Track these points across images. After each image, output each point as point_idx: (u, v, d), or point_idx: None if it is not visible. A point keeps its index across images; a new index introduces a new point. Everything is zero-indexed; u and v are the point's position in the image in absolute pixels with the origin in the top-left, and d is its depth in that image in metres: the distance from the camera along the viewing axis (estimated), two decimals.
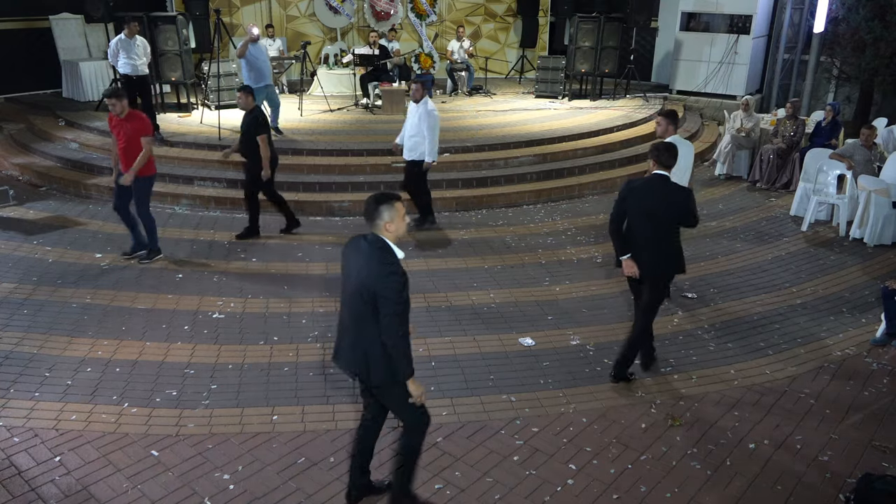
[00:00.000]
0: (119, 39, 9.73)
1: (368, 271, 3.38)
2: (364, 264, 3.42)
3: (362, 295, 3.38)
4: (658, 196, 4.86)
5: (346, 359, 3.59)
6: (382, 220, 3.48)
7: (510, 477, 4.21)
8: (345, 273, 3.57)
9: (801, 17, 12.90)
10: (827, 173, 8.45)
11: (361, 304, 3.40)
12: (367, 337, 3.44)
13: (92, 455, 4.31)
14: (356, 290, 3.42)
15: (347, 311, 3.54)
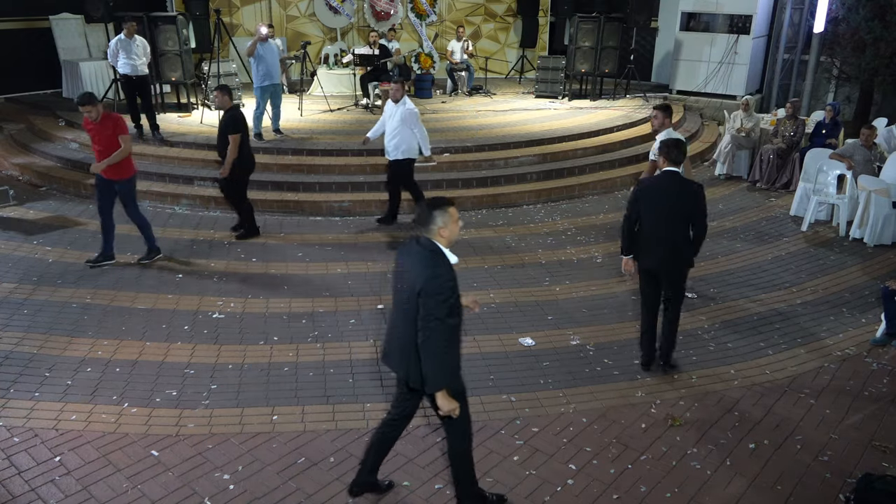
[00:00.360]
0: (118, 39, 9.73)
1: (418, 274, 3.38)
2: (416, 268, 3.42)
3: (412, 298, 3.40)
4: (671, 192, 4.95)
5: (395, 360, 3.62)
6: (436, 226, 3.45)
7: (510, 477, 4.21)
8: (397, 276, 3.60)
9: (801, 17, 12.90)
10: (827, 173, 8.45)
11: (411, 307, 3.41)
12: (415, 340, 3.45)
13: (92, 455, 4.31)
14: (408, 292, 3.44)
15: (398, 314, 3.57)
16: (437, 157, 9.53)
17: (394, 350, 3.63)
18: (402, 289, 3.52)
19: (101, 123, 6.59)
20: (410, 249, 3.52)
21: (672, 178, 4.96)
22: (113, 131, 6.62)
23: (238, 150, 7.24)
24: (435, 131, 10.56)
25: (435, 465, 4.31)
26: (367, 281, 6.79)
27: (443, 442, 4.49)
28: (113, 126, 6.64)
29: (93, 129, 6.65)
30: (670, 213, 4.94)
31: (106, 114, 6.66)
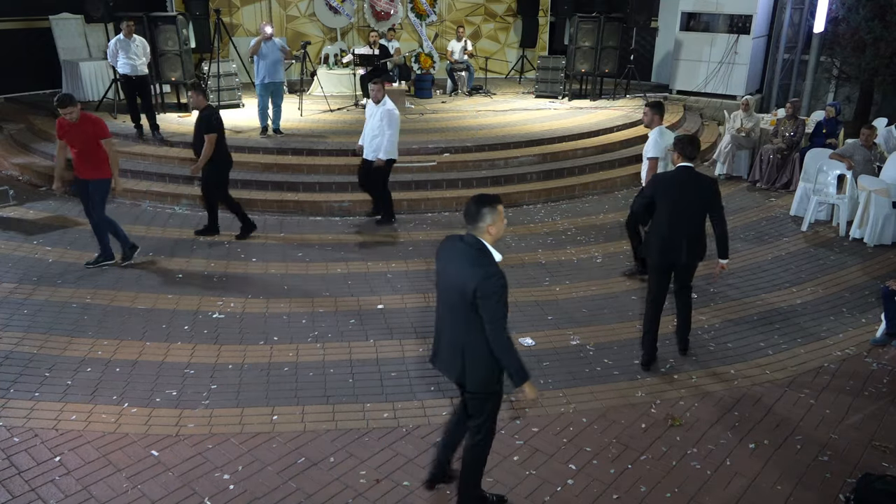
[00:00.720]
0: (117, 40, 9.73)
1: (469, 274, 3.32)
2: (463, 267, 3.37)
3: (463, 298, 3.35)
4: (688, 186, 5.08)
5: (444, 361, 3.61)
6: (485, 223, 3.39)
7: (510, 477, 4.21)
8: (441, 275, 3.54)
9: (801, 17, 12.90)
10: (827, 173, 8.45)
11: (461, 307, 3.38)
12: (464, 340, 3.44)
13: (92, 455, 4.31)
14: (455, 292, 3.40)
15: (446, 314, 3.53)
16: (437, 158, 9.55)
17: (444, 352, 3.60)
18: (447, 289, 3.48)
19: (80, 125, 6.50)
20: (455, 247, 3.47)
21: (688, 173, 5.10)
22: (93, 133, 6.54)
23: (215, 149, 7.24)
24: (435, 131, 10.58)
25: None
26: (367, 281, 6.80)
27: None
28: (92, 127, 6.56)
29: (70, 130, 6.52)
30: (688, 207, 5.08)
31: (84, 115, 6.57)
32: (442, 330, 3.59)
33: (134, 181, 9.11)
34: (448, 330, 3.52)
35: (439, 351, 3.64)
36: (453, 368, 3.54)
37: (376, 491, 4.08)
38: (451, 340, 3.51)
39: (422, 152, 9.62)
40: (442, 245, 3.59)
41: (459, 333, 3.44)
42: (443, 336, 3.58)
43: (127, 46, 9.68)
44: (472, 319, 3.36)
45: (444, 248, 3.56)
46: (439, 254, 3.57)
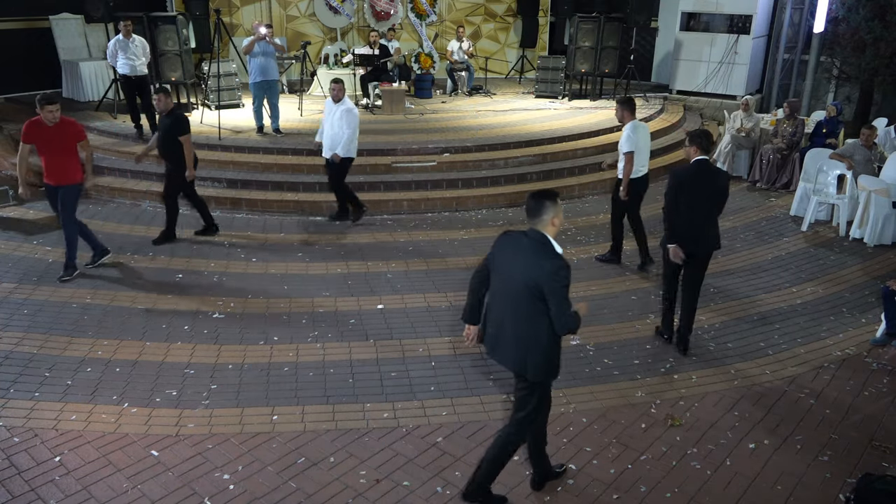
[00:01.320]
0: (116, 40, 9.74)
1: (538, 268, 3.43)
2: (531, 261, 3.47)
3: (532, 291, 3.45)
4: (710, 178, 5.30)
5: (505, 352, 3.67)
6: (549, 216, 3.53)
7: (510, 477, 4.20)
8: (502, 269, 3.62)
9: (801, 17, 12.90)
10: (827, 173, 8.45)
11: (529, 300, 3.48)
12: (531, 332, 3.53)
13: (92, 455, 4.31)
14: (522, 286, 3.48)
15: (508, 307, 3.60)
16: (437, 158, 9.55)
17: (505, 343, 3.66)
18: (511, 283, 3.55)
19: (59, 127, 6.31)
20: (518, 242, 3.58)
21: (707, 166, 5.34)
22: (72, 134, 6.38)
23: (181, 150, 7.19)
24: (435, 131, 10.58)
25: (435, 465, 4.30)
26: (366, 281, 6.80)
27: (442, 442, 4.50)
28: (72, 129, 6.40)
29: (46, 133, 6.27)
30: (710, 198, 5.30)
31: (63, 117, 6.39)
32: (502, 322, 3.65)
33: (134, 181, 9.11)
34: (511, 322, 3.60)
35: (498, 343, 3.70)
36: (515, 358, 3.63)
37: (376, 491, 4.08)
38: (514, 332, 3.59)
39: (422, 152, 9.62)
40: (501, 241, 3.69)
41: (524, 324, 3.55)
42: (503, 328, 3.65)
43: (126, 46, 9.68)
44: (537, 310, 3.47)
45: (505, 245, 3.66)
46: (499, 250, 3.67)
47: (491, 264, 3.71)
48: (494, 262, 3.68)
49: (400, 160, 9.50)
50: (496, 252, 3.68)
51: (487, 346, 3.82)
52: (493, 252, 3.70)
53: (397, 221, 8.41)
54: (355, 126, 7.85)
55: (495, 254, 3.68)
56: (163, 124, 7.25)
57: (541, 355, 3.57)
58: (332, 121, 7.82)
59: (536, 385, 3.68)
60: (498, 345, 3.71)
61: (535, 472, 4.12)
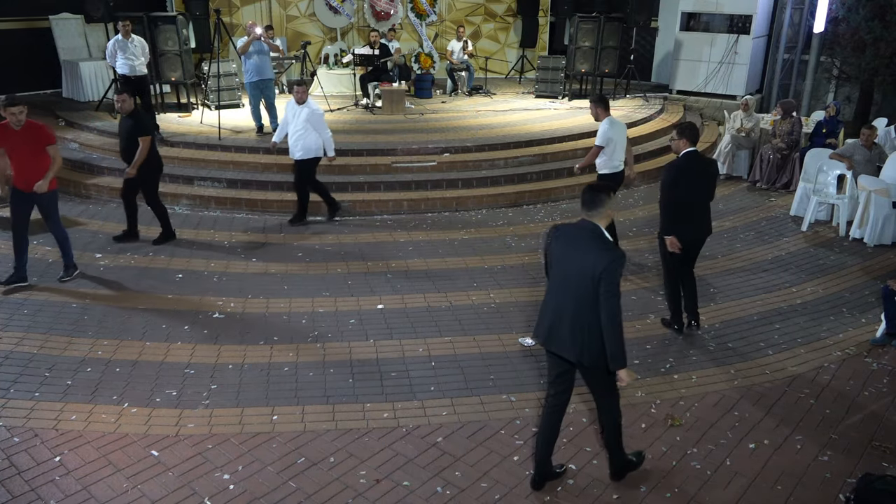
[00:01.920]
0: (115, 40, 9.74)
1: (596, 258, 3.58)
2: (590, 251, 3.62)
3: (591, 280, 3.59)
4: (703, 167, 5.64)
5: (565, 342, 3.77)
6: (605, 208, 3.68)
7: (510, 477, 4.21)
8: (562, 261, 3.76)
9: (801, 17, 12.90)
10: (827, 173, 8.45)
11: (588, 289, 3.61)
12: (589, 319, 3.66)
13: (92, 455, 4.31)
14: (582, 276, 3.62)
15: (567, 297, 3.73)
16: (437, 158, 9.56)
17: (563, 333, 3.76)
18: (571, 273, 3.69)
19: (25, 131, 6.10)
20: (575, 234, 3.73)
21: (699, 157, 5.62)
22: (40, 140, 6.18)
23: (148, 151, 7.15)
24: (435, 131, 10.58)
25: (435, 465, 4.31)
26: (366, 281, 6.80)
27: (442, 442, 4.50)
28: (39, 132, 6.19)
29: (12, 137, 6.08)
30: (705, 187, 5.57)
31: (30, 121, 6.22)
32: (562, 313, 3.76)
33: None
34: (571, 312, 3.71)
35: (556, 333, 3.80)
36: (576, 347, 3.73)
37: (376, 491, 4.08)
38: (574, 321, 3.71)
39: (422, 152, 9.62)
40: (556, 234, 3.83)
41: (584, 313, 3.67)
42: (563, 318, 3.75)
43: (125, 47, 9.69)
44: (594, 299, 3.62)
45: (561, 237, 3.79)
46: (556, 242, 3.80)
47: (548, 259, 3.86)
48: (553, 255, 3.81)
49: (400, 160, 9.51)
50: (553, 245, 3.81)
51: (542, 338, 3.90)
52: (547, 247, 3.84)
53: (397, 221, 8.42)
54: (326, 125, 7.96)
55: (552, 246, 3.81)
56: (125, 125, 7.17)
57: (600, 343, 3.69)
58: (296, 122, 7.82)
59: (599, 371, 3.81)
60: (554, 335, 3.82)
61: (537, 472, 4.12)
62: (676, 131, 5.62)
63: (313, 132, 7.83)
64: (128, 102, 7.12)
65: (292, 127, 7.87)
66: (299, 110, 7.84)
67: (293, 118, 7.87)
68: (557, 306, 3.78)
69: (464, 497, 4.05)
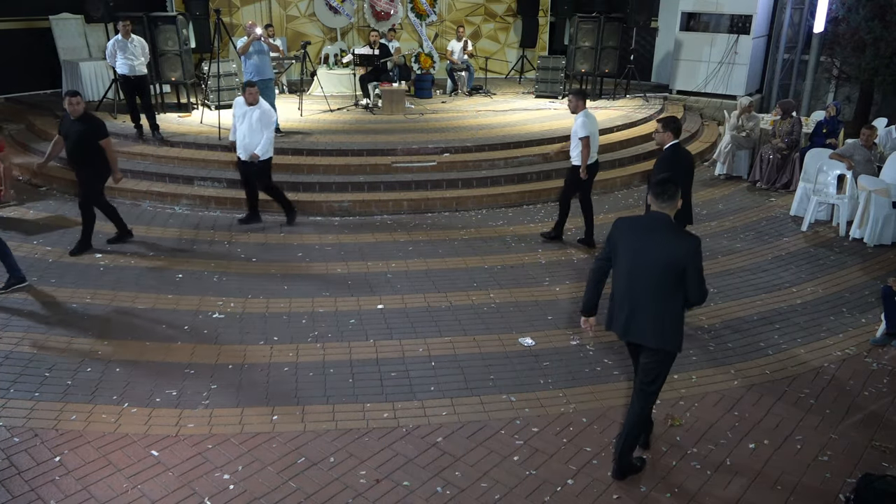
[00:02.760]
0: (115, 40, 9.74)
1: (677, 246, 3.77)
2: (669, 241, 3.79)
3: (670, 268, 3.76)
4: (685, 158, 5.93)
5: (643, 330, 3.91)
6: (675, 200, 3.84)
7: (510, 477, 4.21)
8: (637, 253, 3.86)
9: (801, 17, 12.90)
10: (827, 173, 8.45)
11: (669, 279, 3.79)
12: (669, 308, 3.84)
13: (92, 455, 4.31)
14: (660, 265, 3.78)
15: (643, 287, 3.86)
16: (438, 158, 9.55)
17: (641, 322, 3.90)
18: (647, 264, 3.82)
19: None
20: (650, 226, 3.88)
21: (681, 147, 5.87)
22: None
23: (99, 154, 7.00)
24: (435, 131, 10.58)
25: (435, 465, 4.31)
26: (366, 281, 6.79)
27: (442, 442, 4.50)
28: None
29: None
30: (684, 177, 5.71)
31: None
32: (638, 302, 3.89)
33: (134, 181, 9.11)
34: (649, 300, 3.86)
35: (633, 323, 3.92)
36: (654, 334, 3.88)
37: (376, 491, 4.08)
38: (652, 309, 3.86)
39: (422, 152, 9.62)
40: (629, 226, 3.96)
41: (662, 301, 3.83)
42: (638, 308, 3.89)
43: (125, 47, 9.69)
44: (675, 287, 3.79)
45: (635, 228, 3.92)
46: (629, 234, 3.91)
47: (614, 252, 3.96)
48: (622, 248, 3.91)
49: (400, 160, 9.51)
50: (622, 239, 3.92)
51: (620, 330, 4.01)
52: (616, 240, 3.94)
53: (397, 221, 8.42)
54: (273, 125, 7.93)
55: (621, 241, 3.92)
56: (76, 129, 6.91)
57: (679, 327, 3.88)
58: (249, 123, 7.71)
59: (670, 356, 3.94)
60: (633, 325, 3.93)
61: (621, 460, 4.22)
62: (661, 125, 5.83)
63: (265, 131, 7.75)
64: (81, 105, 6.93)
65: (246, 128, 7.72)
66: (251, 111, 7.71)
67: (245, 119, 7.71)
68: (632, 297, 3.91)
69: (464, 497, 4.05)
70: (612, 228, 4.00)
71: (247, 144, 7.77)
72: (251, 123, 7.71)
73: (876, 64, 11.23)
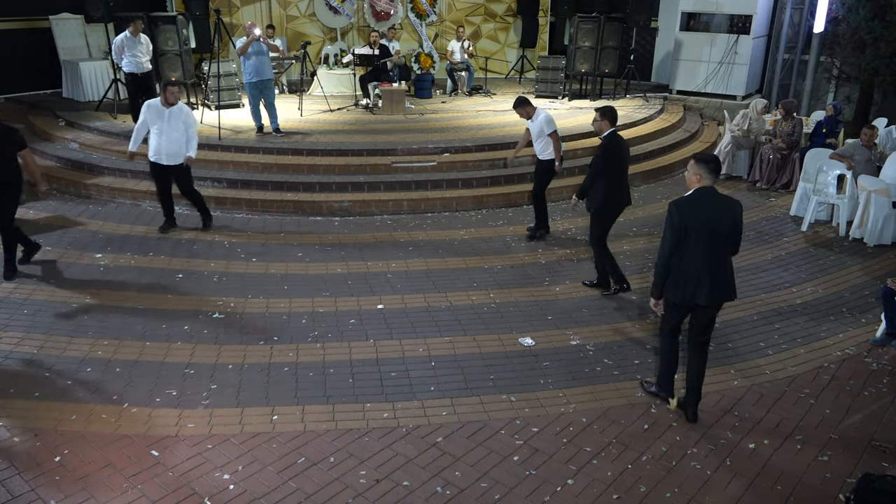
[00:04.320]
0: (124, 37, 9.78)
1: (735, 216, 4.42)
2: (730, 210, 4.43)
3: (734, 233, 4.44)
4: (625, 144, 6.50)
5: (717, 290, 4.45)
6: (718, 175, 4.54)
7: (510, 477, 4.21)
8: (709, 227, 4.37)
9: (801, 16, 12.90)
10: (827, 173, 8.45)
11: (732, 238, 4.46)
12: (729, 265, 4.50)
13: (92, 455, 4.31)
14: (730, 229, 4.41)
15: (717, 253, 4.42)
16: (438, 158, 9.55)
17: (720, 283, 4.44)
18: (722, 231, 4.39)
19: None
20: (717, 200, 4.42)
21: (619, 136, 6.42)
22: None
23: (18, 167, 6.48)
24: (435, 131, 10.58)
25: (435, 465, 4.31)
26: (366, 281, 6.80)
27: (442, 442, 4.50)
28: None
29: None
30: (627, 162, 6.58)
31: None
32: (716, 268, 4.43)
33: (134, 181, 9.12)
34: (724, 262, 4.47)
35: (716, 288, 4.44)
36: (726, 291, 4.49)
37: (376, 491, 4.08)
38: (727, 269, 4.48)
39: (422, 152, 9.62)
40: (692, 206, 4.40)
41: (727, 262, 4.48)
42: (717, 272, 4.43)
43: (132, 44, 9.74)
44: (731, 245, 4.49)
45: (702, 206, 4.39)
46: (701, 212, 4.37)
47: (685, 233, 4.38)
48: (696, 226, 4.36)
49: (400, 160, 9.51)
50: (691, 219, 4.36)
51: (705, 299, 4.44)
52: (686, 222, 4.36)
53: (397, 221, 8.42)
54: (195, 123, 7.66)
55: (691, 220, 4.36)
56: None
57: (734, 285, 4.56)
58: (170, 125, 7.34)
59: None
60: (716, 290, 4.45)
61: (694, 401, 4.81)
62: (599, 114, 6.25)
63: (188, 130, 7.46)
64: None
65: (167, 131, 7.35)
66: (172, 112, 7.34)
67: (163, 121, 7.33)
68: (711, 265, 4.42)
69: (464, 497, 4.05)
70: (677, 214, 4.39)
71: (169, 148, 7.40)
72: (173, 125, 7.35)
73: (876, 64, 11.24)
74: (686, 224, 4.36)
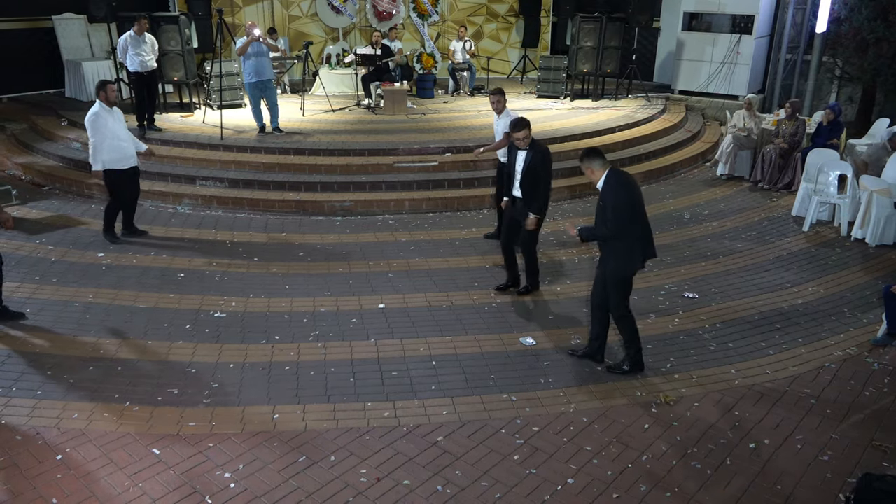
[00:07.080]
0: (129, 36, 9.81)
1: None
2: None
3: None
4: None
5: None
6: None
7: (510, 476, 4.22)
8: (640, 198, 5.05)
9: (804, 17, 12.88)
10: (828, 173, 8.44)
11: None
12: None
13: (93, 454, 4.33)
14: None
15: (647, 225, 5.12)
16: (439, 157, 9.56)
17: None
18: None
19: None
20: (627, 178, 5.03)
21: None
22: None
23: None
24: (437, 131, 10.59)
25: (435, 464, 4.32)
26: (368, 280, 6.81)
27: (442, 441, 4.51)
28: None
29: None
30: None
31: None
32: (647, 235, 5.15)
33: None
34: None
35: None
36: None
37: (376, 490, 4.09)
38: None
39: (423, 152, 9.63)
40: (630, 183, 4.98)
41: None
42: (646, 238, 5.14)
43: (137, 43, 9.77)
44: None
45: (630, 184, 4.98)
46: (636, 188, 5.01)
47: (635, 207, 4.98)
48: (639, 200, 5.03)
49: (402, 160, 9.52)
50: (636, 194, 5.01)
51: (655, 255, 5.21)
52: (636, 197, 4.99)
53: (399, 221, 8.43)
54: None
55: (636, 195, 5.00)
56: None
57: None
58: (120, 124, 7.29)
59: None
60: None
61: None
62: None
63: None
64: None
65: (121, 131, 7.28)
66: (115, 113, 7.25)
67: (115, 122, 7.23)
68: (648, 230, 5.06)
69: (464, 496, 4.06)
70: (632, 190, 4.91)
71: (127, 148, 7.35)
72: (120, 124, 7.26)
73: (878, 64, 11.22)
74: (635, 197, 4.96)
